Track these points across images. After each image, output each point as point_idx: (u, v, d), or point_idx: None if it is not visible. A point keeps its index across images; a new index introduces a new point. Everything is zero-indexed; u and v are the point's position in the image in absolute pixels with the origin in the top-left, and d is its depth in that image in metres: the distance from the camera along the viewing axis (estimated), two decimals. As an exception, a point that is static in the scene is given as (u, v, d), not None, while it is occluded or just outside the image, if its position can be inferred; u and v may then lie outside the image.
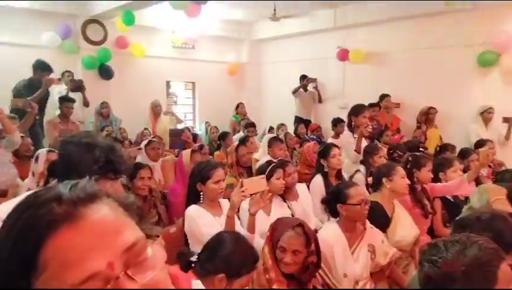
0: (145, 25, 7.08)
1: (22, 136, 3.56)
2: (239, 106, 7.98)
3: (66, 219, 0.50)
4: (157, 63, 7.71)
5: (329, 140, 5.62)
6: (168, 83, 8.31)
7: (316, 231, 2.64)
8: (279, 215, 2.39)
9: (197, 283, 0.74)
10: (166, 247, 2.38)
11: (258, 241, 2.26)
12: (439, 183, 3.24)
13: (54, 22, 6.36)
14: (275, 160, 3.14)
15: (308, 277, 1.96)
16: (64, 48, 6.41)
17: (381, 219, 2.55)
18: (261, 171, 2.80)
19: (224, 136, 5.53)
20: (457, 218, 1.68)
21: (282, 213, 2.69)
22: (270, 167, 2.81)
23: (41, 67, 5.02)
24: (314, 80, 7.66)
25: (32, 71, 5.09)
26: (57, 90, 5.58)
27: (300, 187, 3.16)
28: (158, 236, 1.53)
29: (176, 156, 4.33)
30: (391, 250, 2.37)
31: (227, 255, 1.67)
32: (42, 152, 3.34)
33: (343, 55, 7.14)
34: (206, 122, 7.54)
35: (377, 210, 2.55)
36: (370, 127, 3.97)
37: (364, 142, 4.02)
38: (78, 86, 5.85)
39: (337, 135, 5.98)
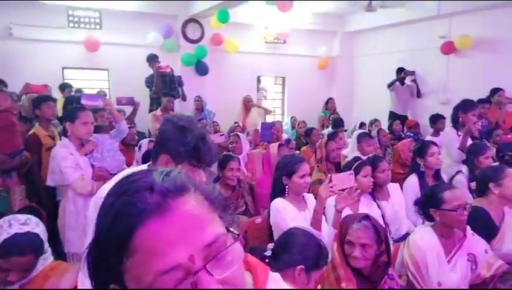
0: (239, 22, 7.31)
1: (129, 127, 3.96)
2: (329, 101, 7.81)
3: (156, 210, 0.53)
4: (249, 59, 7.92)
5: (428, 138, 5.20)
6: (258, 78, 8.49)
7: (408, 234, 2.47)
8: (368, 215, 2.28)
9: (274, 275, 0.73)
10: (252, 237, 2.44)
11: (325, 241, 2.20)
12: None
13: (157, 22, 6.93)
14: (363, 157, 3.00)
15: (379, 277, 1.84)
16: (165, 46, 6.95)
17: (486, 227, 2.27)
18: (348, 167, 2.70)
19: (310, 131, 5.45)
20: None
21: (370, 212, 2.55)
22: (356, 164, 2.69)
23: (149, 58, 6.17)
24: (412, 73, 7.14)
25: (148, 65, 6.16)
26: None
27: (393, 187, 2.98)
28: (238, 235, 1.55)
29: (264, 149, 4.41)
30: (497, 262, 2.10)
31: (303, 247, 1.65)
32: (145, 141, 3.67)
33: (448, 47, 6.51)
34: (292, 117, 7.53)
35: (481, 217, 2.29)
36: (479, 124, 3.57)
37: (469, 141, 3.63)
38: (178, 82, 6.34)
39: (436, 133, 5.50)
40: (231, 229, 0.60)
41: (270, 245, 1.74)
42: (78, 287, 1.40)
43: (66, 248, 2.80)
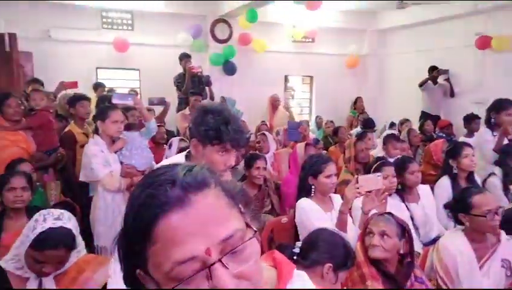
0: (267, 21, 7.31)
1: (158, 126, 4.05)
2: (357, 101, 7.69)
3: (176, 203, 0.56)
4: (277, 58, 7.91)
5: (461, 139, 5.02)
6: (286, 77, 8.46)
7: (439, 238, 2.40)
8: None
9: (299, 273, 0.73)
10: (277, 236, 2.45)
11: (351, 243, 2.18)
12: None
13: (186, 23, 7.04)
14: (390, 159, 2.94)
15: (404, 277, 1.81)
16: (194, 46, 7.04)
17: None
18: (370, 168, 2.66)
19: (337, 131, 5.38)
20: None
21: (399, 214, 2.50)
22: (376, 164, 2.64)
23: (182, 57, 6.14)
24: (445, 72, 6.90)
25: (180, 63, 6.16)
26: None
27: (423, 189, 2.90)
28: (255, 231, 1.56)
29: (291, 148, 4.39)
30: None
31: (331, 246, 1.64)
32: (175, 140, 3.75)
33: (484, 42, 6.24)
34: (317, 116, 7.46)
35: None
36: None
37: (506, 142, 3.47)
38: (206, 82, 6.41)
39: (470, 134, 5.30)
40: (251, 225, 0.61)
41: (299, 243, 1.75)
42: (110, 273, 1.45)
43: (96, 242, 2.90)
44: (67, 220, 1.60)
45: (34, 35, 6.07)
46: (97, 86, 6.17)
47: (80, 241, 1.67)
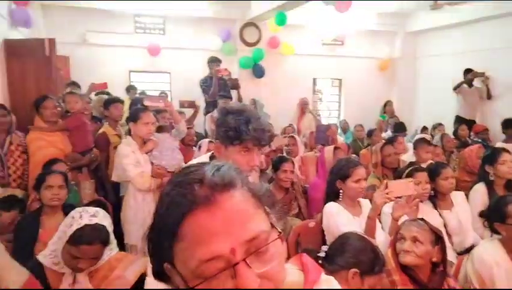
0: (296, 24, 7.30)
1: (188, 128, 4.12)
2: (387, 104, 7.52)
3: (203, 202, 0.57)
4: (305, 61, 7.87)
5: (499, 144, 4.80)
6: (314, 80, 8.40)
7: (473, 247, 2.30)
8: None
9: (327, 278, 0.73)
10: (304, 240, 2.43)
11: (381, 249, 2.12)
12: None
13: (216, 27, 7.15)
14: (421, 164, 2.86)
15: (436, 286, 1.75)
16: (224, 50, 7.13)
17: None
18: (400, 173, 2.59)
19: (371, 133, 5.27)
20: None
21: (431, 222, 2.43)
22: (408, 170, 2.57)
23: (211, 60, 6.13)
24: (482, 74, 6.64)
25: (208, 67, 6.17)
26: None
27: (457, 196, 2.80)
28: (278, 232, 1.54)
29: (319, 152, 4.35)
30: None
31: (358, 251, 1.61)
32: (204, 141, 3.80)
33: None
34: (341, 120, 7.35)
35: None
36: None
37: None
38: (235, 84, 6.46)
39: (509, 139, 5.07)
40: (276, 226, 0.62)
41: (324, 247, 1.72)
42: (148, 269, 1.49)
43: (126, 240, 2.98)
44: (103, 218, 1.66)
45: (70, 39, 6.34)
46: (129, 89, 6.36)
47: (112, 238, 1.72)
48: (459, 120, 6.61)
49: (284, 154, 4.11)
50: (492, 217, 1.98)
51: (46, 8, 6.27)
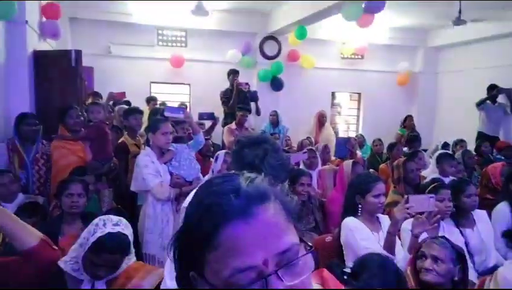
0: (316, 38, 7.33)
1: (206, 139, 4.16)
2: (407, 119, 7.42)
3: (240, 213, 0.58)
4: (324, 74, 7.88)
5: (523, 162, 4.66)
6: (333, 93, 8.38)
7: (496, 267, 2.23)
8: (448, 242, 2.10)
9: None
10: (321, 255, 2.39)
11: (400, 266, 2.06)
12: None
13: (237, 40, 7.24)
14: (444, 178, 2.79)
15: None
16: (243, 63, 7.20)
17: None
18: (424, 188, 2.53)
19: (392, 147, 5.16)
20: None
21: (452, 240, 2.36)
22: (432, 186, 2.51)
23: (231, 72, 6.39)
24: (508, 90, 6.49)
25: (228, 78, 6.38)
26: None
27: (479, 214, 2.73)
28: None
29: (337, 165, 4.31)
30: None
31: (383, 271, 1.57)
32: (221, 153, 3.82)
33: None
34: (358, 135, 7.29)
35: None
36: None
37: None
38: (254, 97, 6.52)
39: (533, 157, 4.92)
40: (304, 239, 0.62)
41: (350, 263, 1.70)
42: (166, 270, 1.49)
43: (144, 249, 2.99)
44: (125, 227, 1.68)
45: (95, 51, 6.53)
46: (149, 100, 6.48)
47: (132, 248, 1.74)
48: (481, 136, 6.45)
49: (302, 166, 4.09)
50: None
51: (73, 21, 6.50)
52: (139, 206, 3.25)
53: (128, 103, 5.48)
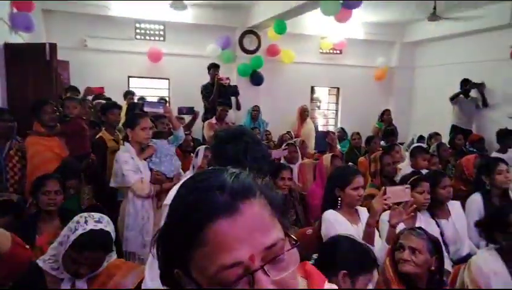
0: (295, 33, 7.36)
1: (186, 134, 4.12)
2: (384, 113, 7.56)
3: (226, 209, 0.57)
4: (304, 69, 7.93)
5: (494, 154, 4.85)
6: (312, 88, 8.45)
7: (469, 256, 2.32)
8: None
9: (331, 286, 0.74)
10: (301, 247, 2.44)
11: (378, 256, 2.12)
12: None
13: (216, 34, 7.19)
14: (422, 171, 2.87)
15: None
16: (223, 57, 7.16)
17: None
18: (404, 181, 2.60)
19: (370, 140, 5.25)
20: None
21: (428, 230, 2.44)
22: (412, 178, 2.58)
23: (211, 66, 6.25)
24: (479, 85, 6.70)
25: (208, 73, 6.27)
26: None
27: (454, 205, 2.82)
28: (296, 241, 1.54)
29: (316, 159, 4.36)
30: None
31: (346, 252, 1.61)
32: (202, 148, 3.80)
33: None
34: (339, 128, 7.40)
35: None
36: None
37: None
38: (234, 92, 6.50)
39: (504, 149, 5.11)
40: (290, 234, 0.63)
41: (315, 255, 1.72)
42: (147, 269, 1.48)
43: (124, 247, 2.96)
44: (107, 224, 1.65)
45: (71, 44, 6.36)
46: (126, 94, 6.37)
47: (113, 244, 1.72)
48: (455, 130, 6.66)
49: (282, 161, 4.12)
50: (492, 226, 2.00)
51: (47, 13, 6.30)
52: (119, 202, 3.20)
53: (108, 99, 5.36)
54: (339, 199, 2.36)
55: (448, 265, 2.36)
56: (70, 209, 2.63)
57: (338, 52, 8.25)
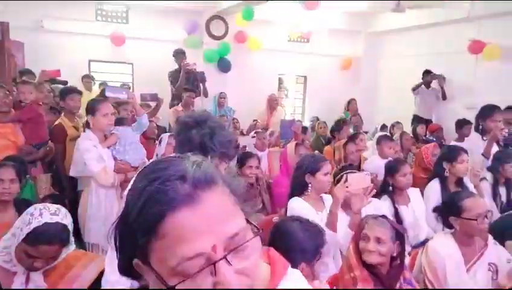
0: (263, 19, 7.29)
1: (149, 121, 4.01)
2: (351, 102, 7.71)
3: (186, 200, 0.56)
4: (272, 57, 7.90)
5: (452, 143, 5.07)
6: (280, 76, 8.46)
7: (427, 240, 2.42)
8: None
9: (293, 271, 0.75)
10: (268, 234, 2.44)
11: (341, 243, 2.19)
12: None
13: (182, 18, 6.99)
14: (383, 159, 2.98)
15: (394, 279, 1.82)
16: (189, 42, 6.99)
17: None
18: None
19: (335, 129, 5.28)
20: None
21: (389, 217, 2.52)
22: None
23: (177, 53, 6.14)
24: (439, 77, 6.97)
25: (175, 60, 6.16)
26: None
27: (413, 192, 2.94)
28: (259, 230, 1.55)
29: (282, 148, 4.40)
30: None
31: (301, 243, 1.61)
32: (165, 136, 3.72)
33: (477, 47, 6.30)
34: (313, 118, 7.50)
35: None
36: (505, 131, 3.46)
37: (496, 148, 3.53)
38: (201, 78, 6.38)
39: (461, 138, 5.35)
40: (252, 222, 0.62)
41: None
42: (107, 260, 1.43)
43: (86, 238, 2.86)
44: (64, 216, 1.57)
45: (26, 24, 5.98)
46: (84, 78, 6.12)
47: (72, 238, 1.65)
48: (416, 119, 6.91)
49: (247, 149, 4.12)
50: (447, 211, 2.08)
51: (-2, -10, 5.88)
52: (80, 192, 3.09)
53: (65, 82, 5.10)
54: (309, 185, 2.39)
55: (407, 249, 2.46)
56: (27, 199, 2.50)
57: (305, 40, 8.27)
